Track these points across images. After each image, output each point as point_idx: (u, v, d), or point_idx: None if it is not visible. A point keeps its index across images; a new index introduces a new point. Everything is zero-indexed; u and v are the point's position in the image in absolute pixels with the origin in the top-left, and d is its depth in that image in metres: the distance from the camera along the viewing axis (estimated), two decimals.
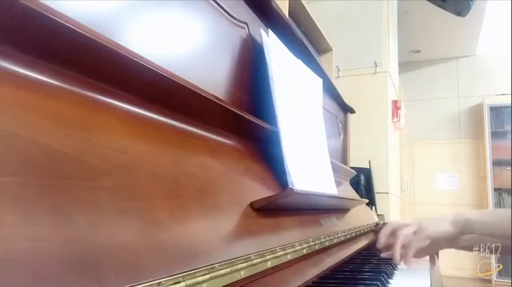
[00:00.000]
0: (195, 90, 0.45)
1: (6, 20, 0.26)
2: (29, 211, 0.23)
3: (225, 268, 0.37)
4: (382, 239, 0.79)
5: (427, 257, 0.83)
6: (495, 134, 3.93)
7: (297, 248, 0.56)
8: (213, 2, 0.60)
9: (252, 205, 0.51)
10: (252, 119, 0.60)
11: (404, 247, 0.74)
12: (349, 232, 0.91)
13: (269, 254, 0.47)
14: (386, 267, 0.73)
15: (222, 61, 0.63)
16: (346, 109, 1.47)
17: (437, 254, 0.85)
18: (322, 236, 0.69)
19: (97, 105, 0.35)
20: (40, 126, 0.28)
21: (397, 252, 0.73)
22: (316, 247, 0.65)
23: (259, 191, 0.59)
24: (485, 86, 4.11)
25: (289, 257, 0.52)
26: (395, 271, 0.75)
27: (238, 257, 0.40)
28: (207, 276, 0.34)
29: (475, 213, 0.73)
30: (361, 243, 1.05)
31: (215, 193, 0.46)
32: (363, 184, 2.40)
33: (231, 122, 0.57)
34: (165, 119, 0.44)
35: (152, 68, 0.38)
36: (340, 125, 1.39)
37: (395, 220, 0.80)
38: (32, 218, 0.23)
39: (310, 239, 0.63)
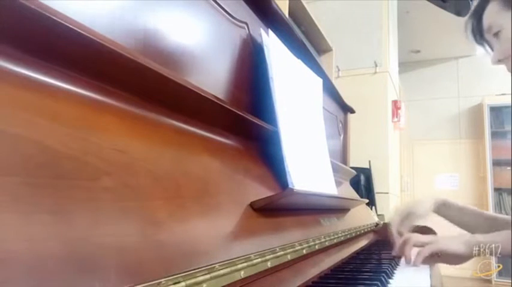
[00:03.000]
0: (195, 90, 0.45)
1: (6, 20, 0.26)
2: (29, 211, 0.23)
3: (225, 268, 0.37)
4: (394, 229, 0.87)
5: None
6: (495, 134, 3.93)
7: (297, 248, 0.56)
8: (213, 2, 0.60)
9: (252, 205, 0.51)
10: (252, 119, 0.60)
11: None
12: (349, 232, 0.91)
13: (269, 254, 0.47)
14: (386, 267, 0.73)
15: (222, 61, 0.63)
16: (346, 109, 1.47)
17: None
18: (322, 236, 0.69)
19: (97, 105, 0.35)
20: (40, 126, 0.28)
21: (409, 253, 0.79)
22: (316, 247, 0.65)
23: (259, 191, 0.59)
24: (485, 86, 4.11)
25: (289, 257, 0.52)
26: (395, 271, 0.75)
27: (238, 257, 0.40)
28: (207, 276, 0.34)
29: (486, 236, 0.77)
30: (361, 243, 1.05)
31: (215, 193, 0.46)
32: (363, 184, 2.40)
33: (231, 122, 0.57)
34: (165, 119, 0.44)
35: (152, 68, 0.38)
36: (340, 125, 1.39)
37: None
38: (32, 218, 0.23)
39: (310, 239, 0.63)
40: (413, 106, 4.19)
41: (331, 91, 1.23)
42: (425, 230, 1.14)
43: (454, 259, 0.80)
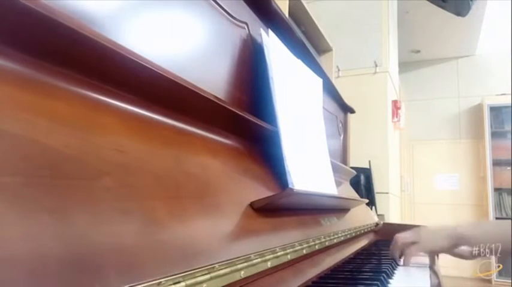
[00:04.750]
0: (195, 90, 0.45)
1: (6, 20, 0.26)
2: (29, 211, 0.23)
3: (225, 268, 0.37)
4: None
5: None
6: (495, 134, 3.93)
7: (297, 248, 0.56)
8: (213, 2, 0.60)
9: (252, 205, 0.51)
10: (252, 119, 0.60)
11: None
12: (349, 232, 0.91)
13: (269, 254, 0.47)
14: (386, 267, 0.73)
15: (222, 61, 0.63)
16: (346, 109, 1.47)
17: (437, 255, 0.88)
18: (322, 236, 0.69)
19: (97, 105, 0.35)
20: (40, 126, 0.28)
21: (396, 256, 0.85)
22: (316, 247, 0.65)
23: (259, 191, 0.59)
24: (485, 86, 4.12)
25: (289, 257, 0.52)
26: (395, 271, 0.75)
27: (238, 257, 0.40)
28: (207, 276, 0.34)
29: (466, 228, 0.81)
30: (361, 243, 1.05)
31: (215, 193, 0.46)
32: (363, 184, 2.40)
33: (231, 122, 0.57)
34: (165, 119, 0.44)
35: (152, 68, 0.38)
36: (340, 125, 1.39)
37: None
38: (32, 218, 0.23)
39: (310, 239, 0.63)
40: (413, 106, 4.19)
41: (331, 91, 1.23)
42: None
43: (440, 251, 0.82)
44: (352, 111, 1.50)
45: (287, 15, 1.40)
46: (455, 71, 4.35)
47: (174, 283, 0.30)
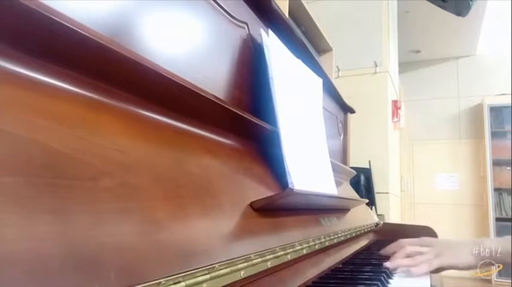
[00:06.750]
0: (195, 90, 0.45)
1: (6, 20, 0.26)
2: (29, 211, 0.23)
3: (225, 268, 0.37)
4: (390, 251, 0.79)
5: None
6: (495, 134, 3.93)
7: (297, 248, 0.56)
8: (213, 2, 0.60)
9: (252, 205, 0.51)
10: (252, 119, 0.60)
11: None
12: (349, 232, 0.91)
13: (269, 254, 0.47)
14: (386, 267, 0.73)
15: (222, 61, 0.63)
16: (346, 109, 1.47)
17: None
18: (322, 236, 0.69)
19: (97, 105, 0.35)
20: (40, 126, 0.28)
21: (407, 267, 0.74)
22: (316, 247, 0.65)
23: (259, 191, 0.59)
24: (485, 86, 4.12)
25: (289, 257, 0.52)
26: (395, 271, 0.75)
27: (238, 257, 0.40)
28: (207, 276, 0.34)
29: (495, 242, 0.72)
30: (361, 243, 1.05)
31: (215, 193, 0.46)
32: (363, 184, 2.40)
33: (231, 122, 0.57)
34: (165, 119, 0.44)
35: (152, 68, 0.38)
36: (340, 125, 1.39)
37: (407, 241, 0.80)
38: (32, 218, 0.23)
39: (310, 239, 0.63)
40: (413, 106, 4.20)
41: (331, 91, 1.23)
42: (426, 230, 1.14)
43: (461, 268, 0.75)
44: (352, 111, 1.50)
45: (287, 15, 1.40)
46: (455, 71, 4.35)
47: (174, 283, 0.30)
